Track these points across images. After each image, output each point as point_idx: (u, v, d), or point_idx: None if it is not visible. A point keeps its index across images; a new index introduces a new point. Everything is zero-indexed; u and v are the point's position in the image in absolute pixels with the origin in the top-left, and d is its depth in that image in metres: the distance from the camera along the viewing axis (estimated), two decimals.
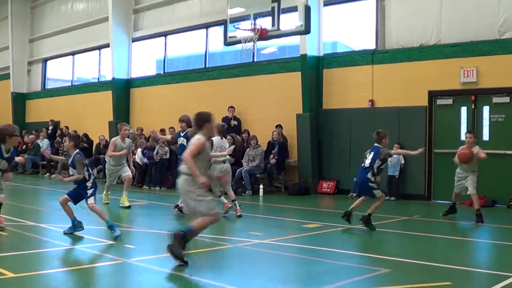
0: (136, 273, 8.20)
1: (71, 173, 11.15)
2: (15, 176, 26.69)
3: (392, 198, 18.18)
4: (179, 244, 8.20)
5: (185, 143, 12.94)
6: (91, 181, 10.96)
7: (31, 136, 30.39)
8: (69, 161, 11.05)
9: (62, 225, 12.08)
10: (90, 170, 11.09)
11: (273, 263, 9.28)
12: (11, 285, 7.17)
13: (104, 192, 15.69)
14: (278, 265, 9.07)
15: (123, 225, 12.23)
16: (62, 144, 27.45)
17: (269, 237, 11.17)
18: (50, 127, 31.24)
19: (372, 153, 12.42)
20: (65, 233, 11.05)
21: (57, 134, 29.79)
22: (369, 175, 11.90)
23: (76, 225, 11.08)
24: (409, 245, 10.88)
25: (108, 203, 15.44)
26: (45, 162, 28.65)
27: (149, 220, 13.27)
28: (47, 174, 27.78)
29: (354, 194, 18.61)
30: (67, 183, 11.29)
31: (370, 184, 11.89)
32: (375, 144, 12.58)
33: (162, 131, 24.07)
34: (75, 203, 11.13)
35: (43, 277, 7.72)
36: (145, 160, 22.19)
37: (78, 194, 10.98)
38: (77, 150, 10.97)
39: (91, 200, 10.89)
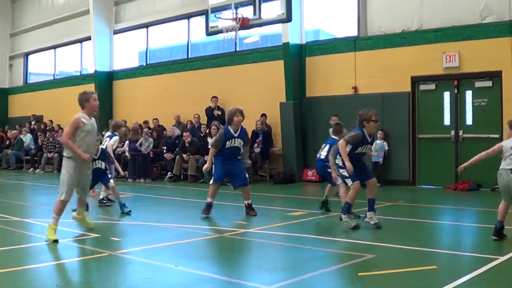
0: (122, 266, 8.18)
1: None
2: None
3: (377, 184, 18.16)
4: None
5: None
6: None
7: (14, 131, 30.20)
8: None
9: (47, 220, 12.03)
10: None
11: (260, 251, 9.29)
12: None
13: None
14: (265, 253, 9.07)
15: (108, 218, 12.20)
16: (46, 138, 27.37)
17: (255, 225, 11.16)
18: (33, 122, 31.08)
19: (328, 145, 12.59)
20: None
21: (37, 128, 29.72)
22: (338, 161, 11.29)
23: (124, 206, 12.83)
24: (394, 231, 10.90)
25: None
26: (29, 157, 28.52)
27: (134, 212, 13.22)
28: (31, 169, 27.63)
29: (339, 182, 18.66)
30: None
31: (340, 170, 11.33)
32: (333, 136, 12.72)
33: (146, 123, 24.05)
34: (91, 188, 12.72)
35: (29, 272, 7.68)
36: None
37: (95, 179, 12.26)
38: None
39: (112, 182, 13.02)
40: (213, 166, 12.39)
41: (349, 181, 10.65)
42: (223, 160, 12.17)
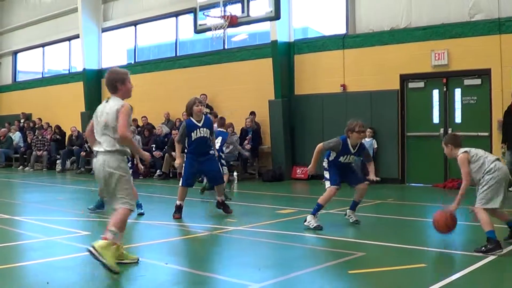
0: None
1: None
2: None
3: (366, 182, 18.23)
4: None
5: None
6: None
7: (3, 129, 30.15)
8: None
9: (36, 217, 12.03)
10: None
11: (249, 249, 9.28)
12: None
13: None
14: (254, 251, 9.07)
15: (99, 216, 12.17)
16: (35, 137, 27.33)
17: (244, 223, 11.17)
18: (22, 120, 31.04)
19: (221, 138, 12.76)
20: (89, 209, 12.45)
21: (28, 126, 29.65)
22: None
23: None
24: (383, 228, 10.93)
25: None
26: (18, 155, 28.47)
27: None
28: (20, 167, 27.57)
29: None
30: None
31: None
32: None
33: (134, 121, 24.00)
34: None
35: (19, 269, 7.67)
36: None
37: None
38: None
39: None
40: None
41: (327, 183, 10.64)
42: (192, 157, 11.81)
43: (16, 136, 29.33)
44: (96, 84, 27.72)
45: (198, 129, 11.69)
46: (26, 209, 13.80)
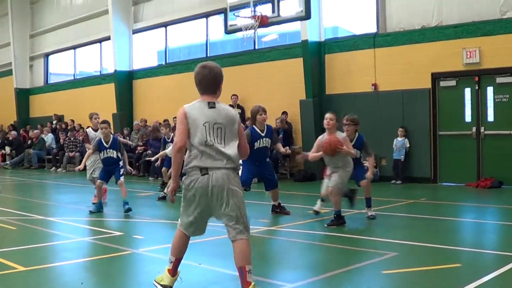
0: (145, 264, 8.21)
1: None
2: (21, 171, 26.79)
3: (398, 182, 18.19)
4: None
5: None
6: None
7: (35, 131, 30.50)
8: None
9: (69, 218, 12.13)
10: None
11: (282, 249, 9.30)
12: (22, 278, 7.18)
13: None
14: (287, 251, 9.06)
15: (129, 216, 12.25)
16: (67, 138, 27.54)
17: (277, 224, 11.19)
18: (54, 121, 31.33)
19: None
20: (91, 212, 12.65)
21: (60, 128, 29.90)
22: None
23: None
24: (416, 228, 10.86)
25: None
26: (50, 157, 28.72)
27: (155, 210, 13.28)
28: (53, 168, 27.83)
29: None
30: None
31: None
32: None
33: (166, 121, 24.07)
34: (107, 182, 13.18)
35: (53, 269, 7.74)
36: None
37: (109, 174, 13.01)
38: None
39: (122, 178, 12.86)
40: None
41: None
42: (251, 162, 11.65)
43: (49, 138, 29.60)
44: (127, 85, 27.94)
45: (261, 139, 11.77)
46: (59, 210, 13.92)
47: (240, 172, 12.08)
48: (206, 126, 6.08)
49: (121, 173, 12.89)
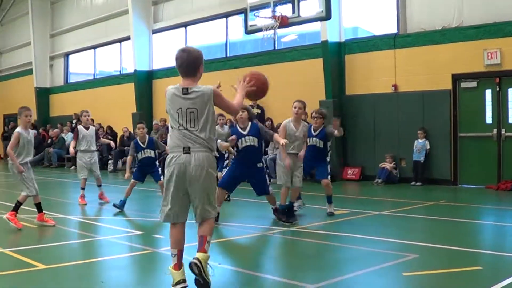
0: (165, 263, 8.19)
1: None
2: (41, 170, 26.92)
3: (418, 184, 18.12)
4: None
5: None
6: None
7: (55, 130, 30.74)
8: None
9: (89, 217, 12.20)
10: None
11: (302, 250, 9.28)
12: (43, 276, 7.22)
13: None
14: (307, 252, 9.05)
15: (149, 215, 12.28)
16: None
17: (296, 224, 11.15)
18: (74, 121, 31.46)
19: None
20: (114, 205, 13.06)
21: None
22: None
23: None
24: (436, 230, 10.83)
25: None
26: (70, 155, 28.83)
27: None
28: (73, 167, 27.91)
29: (380, 180, 18.64)
30: None
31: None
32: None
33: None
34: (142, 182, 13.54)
35: (73, 268, 7.76)
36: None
37: (145, 174, 13.47)
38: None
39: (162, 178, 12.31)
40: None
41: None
42: (238, 164, 11.28)
43: (68, 137, 29.70)
44: (147, 85, 28.03)
45: (243, 138, 11.17)
46: (79, 209, 13.96)
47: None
48: (179, 113, 6.67)
49: (160, 173, 13.14)
